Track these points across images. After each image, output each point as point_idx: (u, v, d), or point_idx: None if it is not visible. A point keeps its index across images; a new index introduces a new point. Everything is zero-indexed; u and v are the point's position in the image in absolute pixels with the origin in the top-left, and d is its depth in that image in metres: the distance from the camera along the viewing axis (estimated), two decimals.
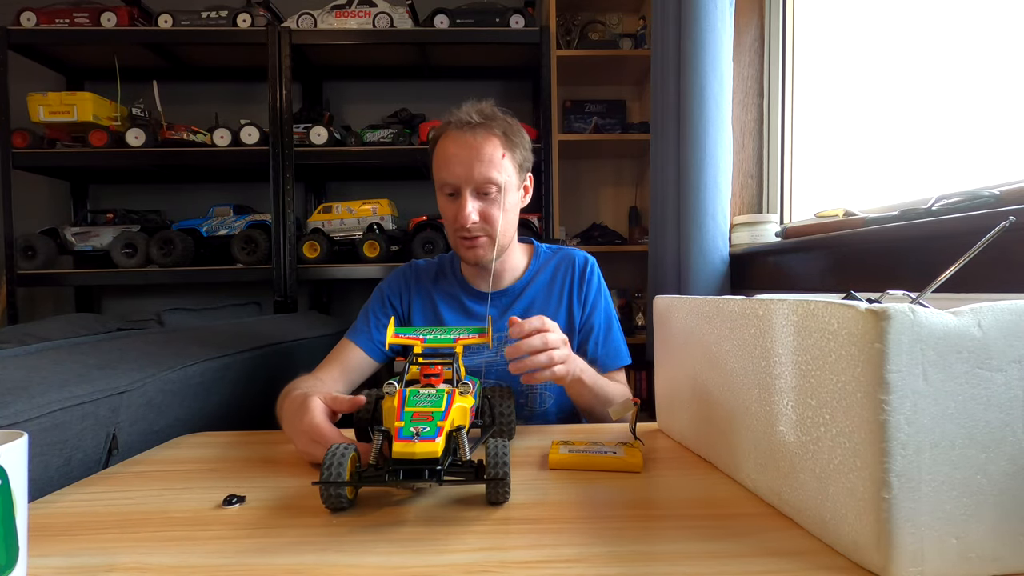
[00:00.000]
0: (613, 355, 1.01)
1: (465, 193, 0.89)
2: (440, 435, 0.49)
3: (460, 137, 0.89)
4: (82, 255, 2.03)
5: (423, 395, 0.54)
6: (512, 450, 0.69)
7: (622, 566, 0.40)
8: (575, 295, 1.01)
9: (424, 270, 1.06)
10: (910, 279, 0.90)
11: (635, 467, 0.60)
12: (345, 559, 0.42)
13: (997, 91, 0.98)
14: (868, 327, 0.36)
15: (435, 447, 0.48)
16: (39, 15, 1.92)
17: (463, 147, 0.89)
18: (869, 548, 0.37)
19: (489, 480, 0.49)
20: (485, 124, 0.89)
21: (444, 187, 0.92)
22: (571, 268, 1.03)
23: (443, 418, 0.51)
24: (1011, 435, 0.37)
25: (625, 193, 2.37)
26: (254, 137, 1.97)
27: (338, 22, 1.97)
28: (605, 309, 1.03)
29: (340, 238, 2.03)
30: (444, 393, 0.54)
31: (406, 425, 0.50)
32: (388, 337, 0.67)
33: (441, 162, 0.91)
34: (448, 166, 0.89)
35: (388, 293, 1.03)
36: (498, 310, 1.00)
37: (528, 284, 1.02)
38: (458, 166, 0.89)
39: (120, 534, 0.47)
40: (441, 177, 0.91)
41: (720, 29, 1.39)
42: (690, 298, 0.66)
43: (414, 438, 0.48)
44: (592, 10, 2.20)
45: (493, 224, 0.91)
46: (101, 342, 0.89)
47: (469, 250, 0.93)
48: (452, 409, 0.52)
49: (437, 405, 0.52)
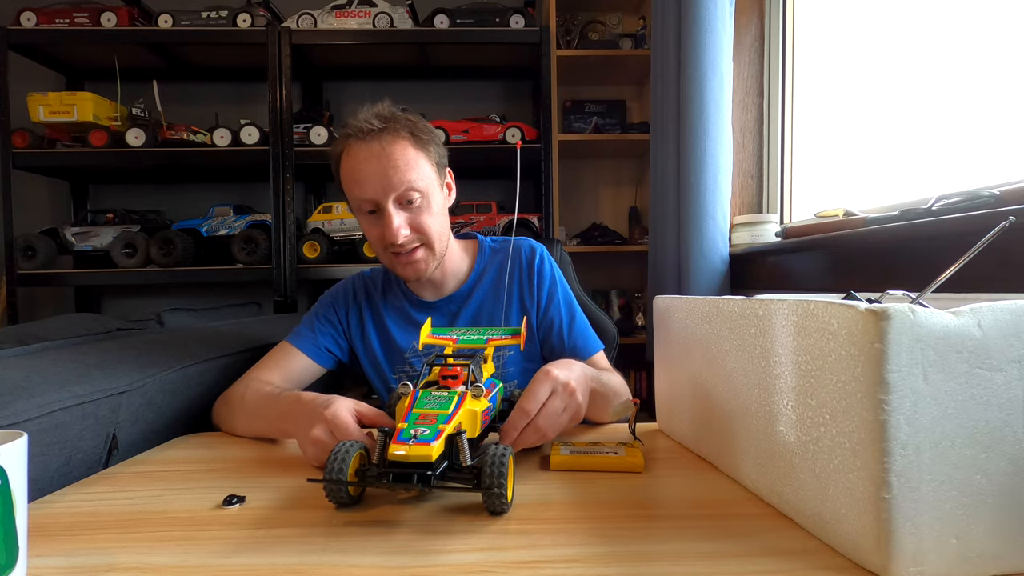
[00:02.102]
0: (582, 345, 0.93)
1: (387, 207, 0.81)
2: (438, 439, 0.47)
3: (366, 148, 0.80)
4: (82, 255, 2.04)
5: (434, 397, 0.53)
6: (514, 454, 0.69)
7: (622, 566, 0.40)
8: (526, 291, 0.94)
9: (371, 280, 0.99)
10: (910, 279, 0.90)
11: (637, 467, 0.60)
12: (345, 559, 0.42)
13: (997, 91, 0.98)
14: (868, 327, 0.36)
15: (429, 451, 0.46)
16: (39, 15, 1.92)
17: (372, 158, 0.80)
18: (869, 548, 0.37)
19: (483, 490, 0.48)
20: (389, 128, 0.81)
21: (362, 205, 0.83)
22: (518, 262, 0.95)
23: (447, 421, 0.49)
24: (1011, 435, 0.37)
25: (625, 193, 2.37)
26: (254, 137, 1.97)
27: (338, 22, 1.97)
28: (564, 299, 0.95)
29: (340, 238, 2.03)
30: (456, 395, 0.53)
31: (408, 427, 0.49)
32: (422, 337, 0.66)
33: (351, 180, 0.82)
34: (361, 183, 0.81)
35: (333, 303, 0.97)
36: (446, 319, 0.94)
37: (474, 287, 0.95)
38: (372, 179, 0.80)
39: (120, 534, 0.47)
40: (355, 196, 0.82)
41: (720, 29, 1.39)
42: (690, 298, 0.65)
43: (411, 440, 0.47)
44: (592, 10, 2.20)
45: (426, 231, 0.84)
46: (101, 342, 0.89)
47: (407, 266, 0.86)
48: (459, 412, 0.51)
49: (445, 408, 0.51)
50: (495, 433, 0.65)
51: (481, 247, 0.98)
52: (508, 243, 0.97)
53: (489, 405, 0.59)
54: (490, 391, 0.60)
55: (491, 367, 0.65)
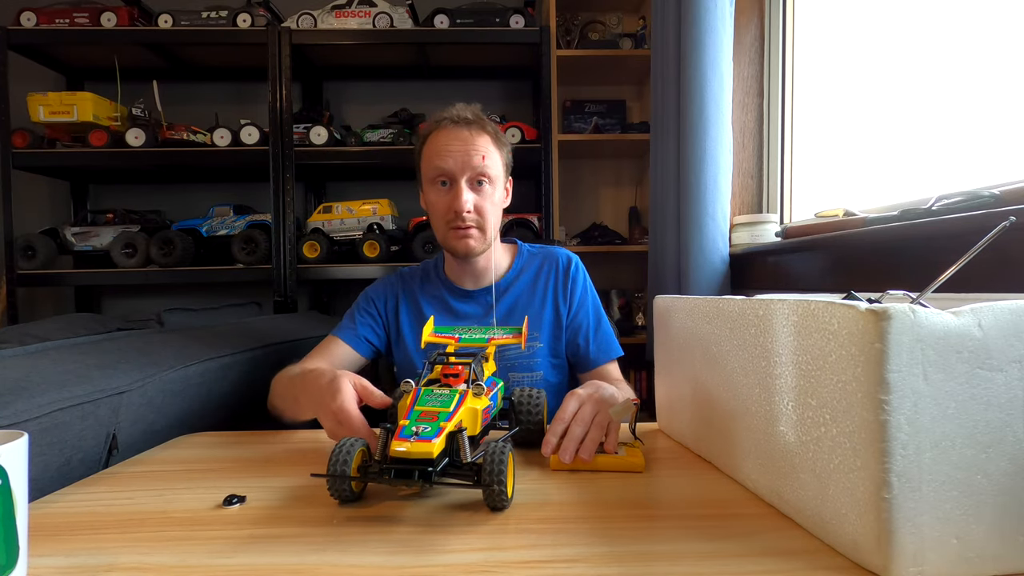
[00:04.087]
0: (606, 348, 1.03)
1: (460, 182, 0.92)
2: (439, 436, 0.48)
3: (456, 131, 0.93)
4: (82, 255, 2.03)
5: (436, 395, 0.54)
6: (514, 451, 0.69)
7: (622, 566, 0.40)
8: (560, 293, 1.03)
9: (409, 276, 1.08)
10: (910, 279, 0.90)
11: (638, 467, 0.60)
12: (345, 559, 0.42)
13: (997, 91, 0.98)
14: (868, 327, 0.36)
15: (431, 448, 0.47)
16: (39, 15, 1.92)
17: (459, 140, 0.93)
18: (869, 548, 0.37)
19: (483, 486, 0.49)
20: (478, 122, 0.95)
21: (438, 177, 0.94)
22: (555, 267, 1.04)
23: (448, 419, 0.50)
24: (1011, 435, 0.37)
25: (625, 193, 2.37)
26: (254, 137, 1.97)
27: (338, 22, 1.97)
28: (593, 305, 1.05)
29: (340, 238, 2.03)
30: (457, 393, 0.54)
31: (410, 424, 0.50)
32: (425, 335, 0.68)
33: (435, 153, 0.94)
34: (444, 156, 0.93)
35: (374, 297, 1.06)
36: (482, 308, 1.01)
37: (512, 282, 1.03)
38: (455, 156, 0.92)
39: (120, 534, 0.47)
40: (436, 166, 0.94)
41: (720, 29, 1.39)
42: (690, 298, 0.65)
43: (412, 437, 0.48)
44: (592, 10, 2.20)
45: (485, 216, 0.94)
46: (101, 342, 0.89)
47: (461, 240, 0.94)
48: (460, 410, 0.52)
49: (446, 405, 0.52)
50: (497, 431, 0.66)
51: (520, 250, 1.08)
52: (545, 249, 1.09)
53: (489, 403, 0.59)
54: (491, 389, 0.60)
55: (492, 366, 0.66)
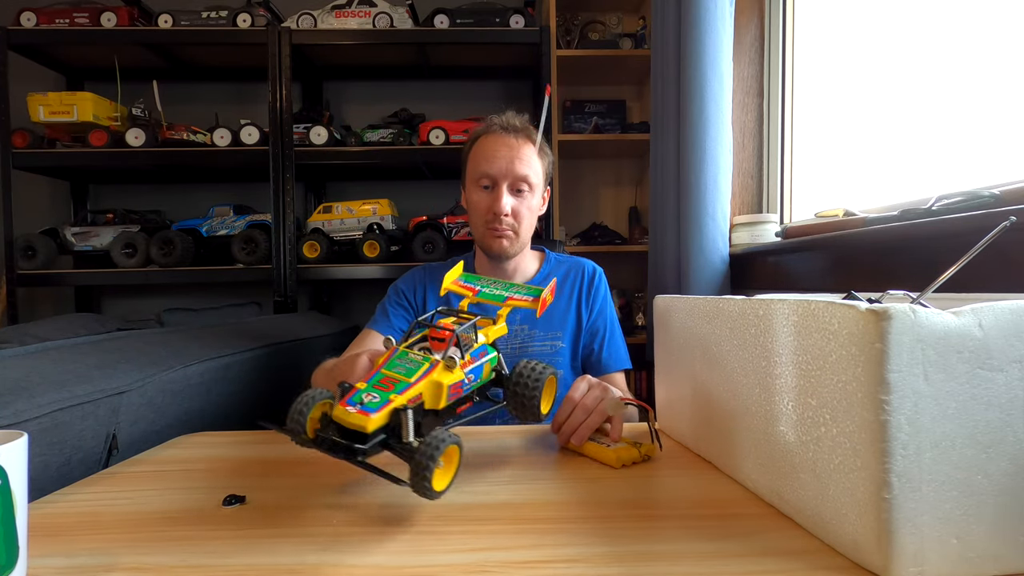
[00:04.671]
0: (616, 357, 1.07)
1: (502, 186, 0.99)
2: (381, 410, 0.45)
3: (503, 138, 1.00)
4: (82, 255, 2.03)
5: (407, 360, 0.50)
6: (513, 450, 0.69)
7: (622, 566, 0.40)
8: (583, 301, 1.07)
9: (437, 268, 1.11)
10: (910, 279, 0.90)
11: (610, 462, 0.62)
12: (345, 559, 0.42)
13: (997, 91, 0.98)
14: (868, 327, 0.36)
15: (366, 422, 0.44)
16: (39, 15, 1.92)
17: (505, 146, 0.99)
18: (869, 548, 0.37)
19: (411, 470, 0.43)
20: (524, 132, 1.02)
21: (482, 179, 1.00)
22: (581, 276, 1.10)
23: (403, 391, 0.47)
24: (1012, 435, 0.37)
25: (625, 193, 2.37)
26: (254, 137, 1.97)
27: (338, 22, 1.97)
28: (610, 315, 1.10)
29: (340, 238, 2.03)
30: (427, 363, 0.50)
31: (364, 389, 0.47)
32: (446, 282, 0.66)
33: (482, 156, 1.00)
34: (490, 160, 0.99)
35: (403, 288, 1.09)
36: None
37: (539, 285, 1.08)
38: (500, 161, 0.98)
39: (120, 534, 0.47)
40: (481, 169, 1.00)
41: (720, 29, 1.39)
42: (690, 298, 0.65)
43: (357, 405, 0.45)
44: (592, 10, 2.20)
45: (521, 221, 1.00)
46: (101, 342, 0.89)
47: (496, 239, 1.00)
48: (420, 383, 0.48)
49: (409, 375, 0.48)
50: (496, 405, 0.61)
51: (548, 257, 1.13)
52: (572, 259, 1.13)
53: (464, 377, 0.53)
54: (475, 361, 0.55)
55: (502, 329, 0.61)
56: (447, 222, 2.03)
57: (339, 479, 0.59)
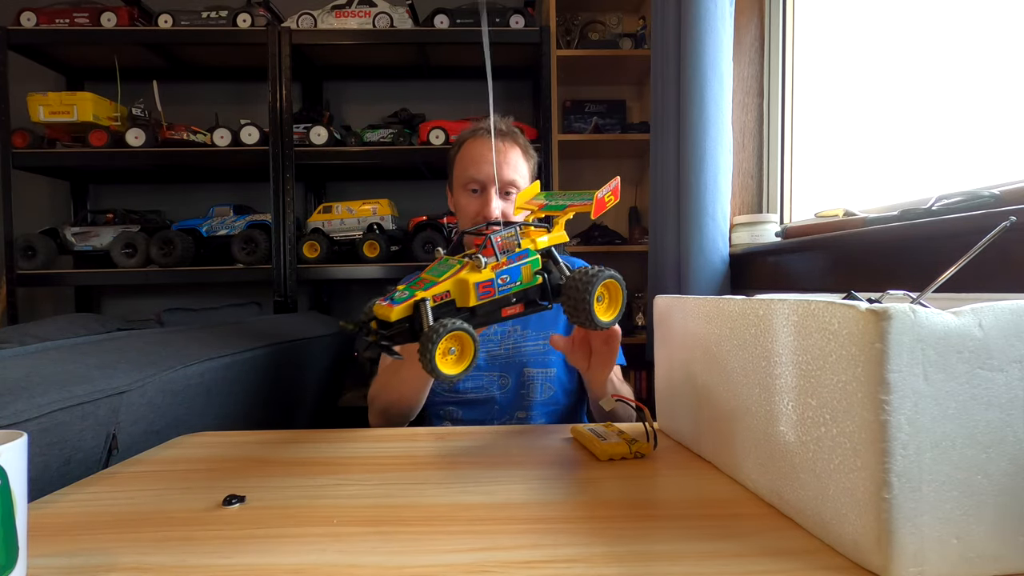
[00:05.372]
0: None
1: (491, 190, 1.00)
2: (403, 304, 0.52)
3: (489, 142, 1.01)
4: (82, 255, 2.03)
5: (446, 264, 0.57)
6: (513, 449, 0.69)
7: (622, 566, 0.40)
8: None
9: None
10: (910, 279, 0.90)
11: (597, 453, 0.63)
12: (345, 559, 0.42)
13: (997, 91, 0.98)
14: (868, 327, 0.36)
15: (389, 311, 0.51)
16: (39, 15, 1.92)
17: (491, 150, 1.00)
18: (869, 548, 0.37)
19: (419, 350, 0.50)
20: (511, 135, 1.04)
21: (470, 184, 1.02)
22: None
23: (430, 287, 0.53)
24: (1012, 435, 0.37)
25: (625, 193, 2.36)
26: (254, 137, 1.97)
27: (338, 22, 1.97)
28: None
29: (340, 238, 2.03)
30: (456, 266, 0.56)
31: (403, 288, 0.55)
32: (519, 200, 0.68)
33: (470, 160, 1.02)
34: (478, 164, 1.01)
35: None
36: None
37: None
38: (488, 165, 1.00)
39: (120, 534, 0.47)
40: (469, 174, 1.01)
41: (720, 29, 1.39)
42: (690, 298, 0.65)
43: (389, 300, 0.52)
44: (592, 10, 2.20)
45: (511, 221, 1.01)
46: (101, 342, 0.89)
47: None
48: (447, 282, 0.54)
49: (440, 276, 0.55)
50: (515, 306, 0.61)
51: None
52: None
53: (495, 277, 0.57)
54: (511, 263, 0.58)
55: (560, 236, 0.64)
56: (447, 222, 2.03)
57: (339, 479, 0.59)
